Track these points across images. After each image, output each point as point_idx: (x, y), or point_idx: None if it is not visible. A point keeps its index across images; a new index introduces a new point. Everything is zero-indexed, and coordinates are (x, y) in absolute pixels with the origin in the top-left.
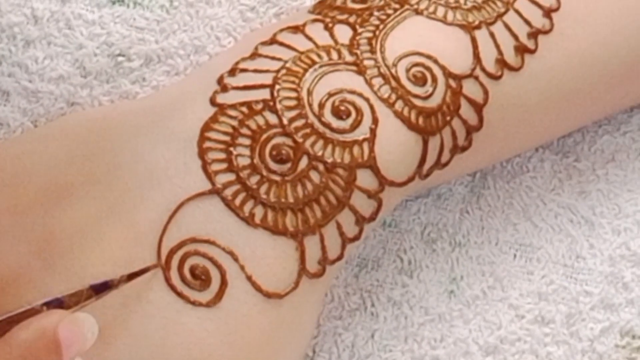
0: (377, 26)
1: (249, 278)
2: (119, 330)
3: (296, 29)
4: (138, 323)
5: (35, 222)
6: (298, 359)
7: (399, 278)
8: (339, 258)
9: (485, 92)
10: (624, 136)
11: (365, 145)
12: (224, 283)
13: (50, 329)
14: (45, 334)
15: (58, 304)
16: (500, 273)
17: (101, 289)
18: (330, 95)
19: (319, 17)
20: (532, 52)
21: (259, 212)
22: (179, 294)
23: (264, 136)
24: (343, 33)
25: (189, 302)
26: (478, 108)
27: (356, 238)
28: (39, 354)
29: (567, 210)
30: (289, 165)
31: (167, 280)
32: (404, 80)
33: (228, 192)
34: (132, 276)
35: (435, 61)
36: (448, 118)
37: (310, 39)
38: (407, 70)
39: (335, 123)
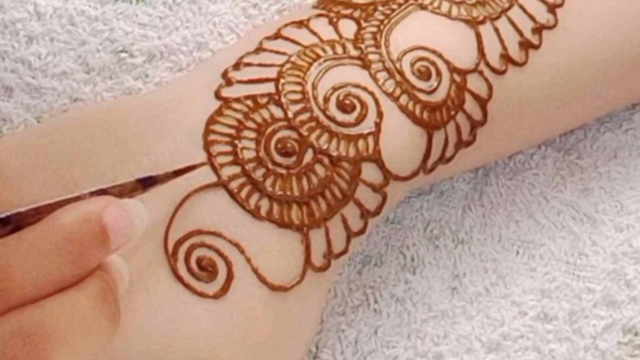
0: (381, 21)
1: (255, 271)
2: (126, 320)
3: (301, 24)
4: (145, 314)
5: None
6: (302, 351)
7: (402, 274)
8: (344, 252)
9: (490, 87)
10: (626, 133)
11: (370, 139)
12: (230, 275)
13: (96, 213)
14: (90, 217)
15: (103, 194)
16: (502, 270)
17: (147, 182)
18: (335, 89)
19: (324, 12)
20: (536, 47)
21: (264, 204)
22: (186, 286)
23: (269, 129)
24: (348, 28)
25: (196, 294)
26: (482, 103)
27: (361, 232)
28: (83, 238)
29: (570, 207)
30: (294, 158)
31: (175, 271)
32: (409, 75)
33: (234, 185)
34: (178, 172)
35: (440, 56)
36: (452, 112)
37: (314, 33)
38: (412, 65)
39: (340, 117)
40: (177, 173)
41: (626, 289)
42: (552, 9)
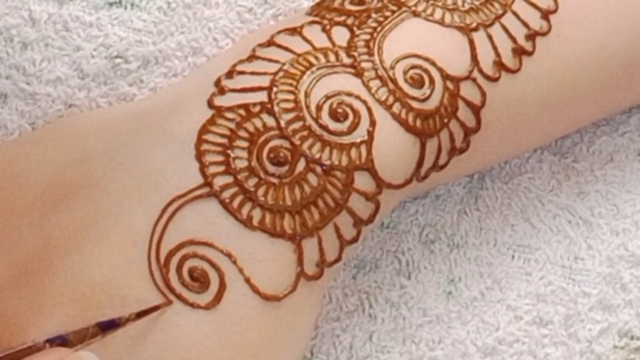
0: (374, 28)
1: (247, 280)
2: (119, 332)
3: (294, 31)
4: (136, 325)
5: (32, 225)
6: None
7: (397, 279)
8: (337, 260)
9: (483, 94)
10: (622, 137)
11: (363, 148)
12: (222, 285)
13: None
14: None
15: (61, 341)
16: (498, 274)
17: (108, 326)
18: (327, 97)
19: (317, 18)
20: (530, 54)
21: (256, 214)
22: (178, 296)
23: (262, 138)
24: (341, 35)
25: (188, 304)
26: (476, 110)
27: (354, 240)
28: None
29: (566, 211)
30: (286, 167)
31: (166, 282)
32: (402, 83)
33: (226, 195)
34: (141, 314)
35: (433, 63)
36: (446, 120)
37: (307, 41)
38: (405, 73)
39: (333, 125)
40: (140, 315)
41: (622, 292)
42: (545, 15)
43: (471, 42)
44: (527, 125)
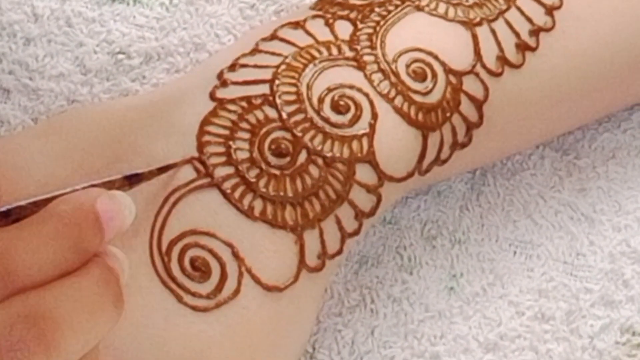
0: (377, 22)
1: (248, 271)
2: (120, 321)
3: (297, 25)
4: (139, 314)
5: None
6: (298, 352)
7: (399, 275)
8: (339, 252)
9: (486, 89)
10: (624, 133)
11: (365, 140)
12: (224, 275)
13: (89, 202)
14: (84, 205)
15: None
16: (500, 270)
17: (132, 178)
18: (329, 90)
19: (320, 12)
20: (534, 49)
21: (258, 205)
22: (179, 285)
23: (263, 130)
24: (344, 29)
25: (190, 294)
26: (478, 104)
27: (355, 233)
28: (79, 224)
29: (568, 207)
30: (288, 159)
31: (168, 271)
32: (404, 76)
33: (227, 185)
34: (162, 169)
35: (436, 57)
36: (448, 114)
37: (310, 34)
38: (407, 66)
39: (335, 118)
40: (162, 170)
41: (624, 288)
42: (550, 11)
43: (474, 37)
44: (529, 121)
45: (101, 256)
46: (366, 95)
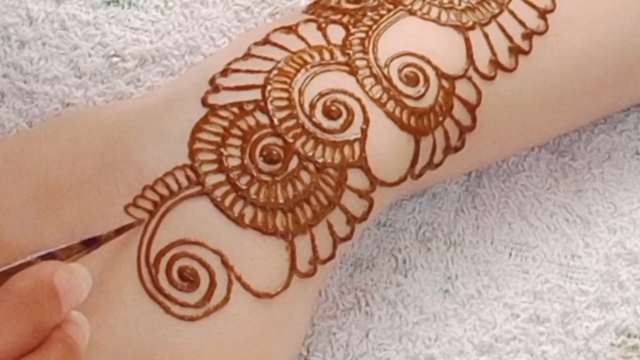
0: (370, 26)
1: (238, 278)
2: (105, 334)
3: (289, 29)
4: (124, 328)
5: (25, 224)
6: (291, 357)
7: (394, 277)
8: (331, 257)
9: (479, 93)
10: (620, 135)
11: (356, 145)
12: (212, 284)
13: (47, 277)
14: (43, 281)
15: (51, 257)
16: (495, 272)
17: (91, 242)
18: (321, 95)
19: (313, 17)
20: (527, 53)
21: (248, 212)
22: (167, 296)
23: (255, 136)
24: (336, 33)
25: (177, 304)
26: (471, 108)
27: (348, 238)
28: (38, 301)
29: (563, 209)
30: (279, 165)
31: (155, 283)
32: (396, 81)
33: (218, 193)
34: (119, 231)
35: (428, 62)
36: (440, 118)
37: (302, 39)
38: (400, 71)
39: (326, 123)
40: (119, 232)
41: (619, 290)
42: (543, 14)
43: (467, 41)
44: (523, 125)
45: (61, 327)
46: (358, 100)
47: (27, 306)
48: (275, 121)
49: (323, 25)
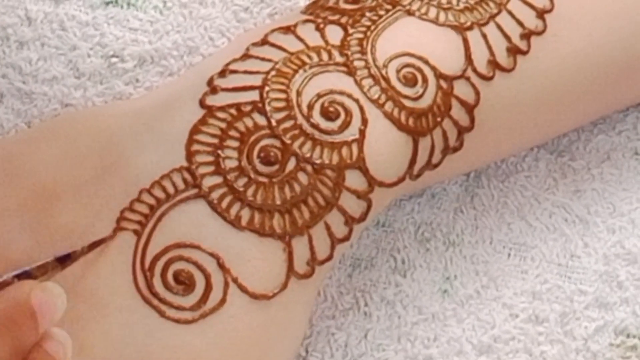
0: (368, 27)
1: (234, 280)
2: (101, 340)
3: (287, 30)
4: (118, 333)
5: (23, 227)
6: (289, 358)
7: (393, 277)
8: (329, 258)
9: (477, 93)
10: (619, 135)
11: (354, 146)
12: (208, 286)
13: (24, 298)
14: (20, 302)
15: (26, 275)
16: (494, 272)
17: (65, 259)
18: (319, 96)
19: (311, 17)
20: (525, 53)
21: (245, 214)
22: (162, 300)
23: (252, 138)
24: (334, 34)
25: (173, 307)
26: (469, 109)
27: (346, 239)
28: (16, 321)
29: (562, 209)
30: (276, 167)
31: (150, 287)
32: (394, 81)
33: (214, 196)
34: (91, 247)
35: (426, 62)
36: (439, 119)
37: (301, 39)
38: (398, 71)
39: (324, 124)
40: (91, 247)
41: (618, 290)
42: (541, 14)
43: (465, 41)
44: (521, 125)
45: (41, 344)
46: (356, 101)
47: (6, 327)
48: (273, 122)
49: (321, 25)
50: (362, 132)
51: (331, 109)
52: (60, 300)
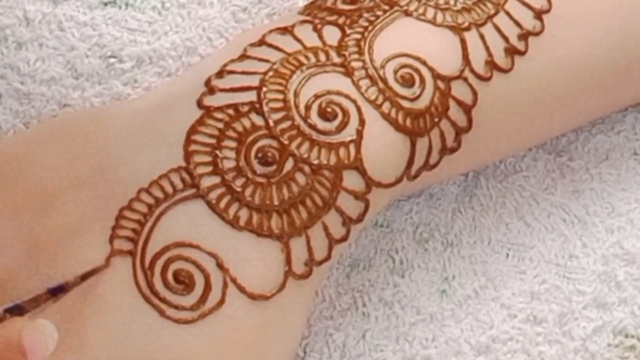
0: (365, 27)
1: (233, 281)
2: (100, 338)
3: (285, 30)
4: (118, 331)
5: (21, 228)
6: (287, 359)
7: (391, 278)
8: (326, 259)
9: (474, 94)
10: (617, 135)
11: (352, 147)
12: (207, 286)
13: (15, 338)
14: (11, 342)
15: (18, 309)
16: (492, 272)
17: (57, 291)
18: (316, 97)
19: (309, 18)
20: (522, 53)
21: (243, 214)
22: (162, 300)
23: (250, 138)
24: (332, 34)
25: (172, 307)
26: (467, 109)
27: (343, 239)
28: None
29: (560, 209)
30: (274, 167)
31: (150, 286)
32: (392, 82)
33: (213, 196)
34: (84, 277)
35: (424, 62)
36: (436, 119)
37: (298, 40)
38: (395, 72)
39: (322, 125)
40: (84, 277)
41: (617, 290)
42: (539, 15)
43: (463, 42)
44: (519, 125)
45: None
46: (354, 101)
47: None
48: (271, 123)
49: (319, 26)
50: (359, 133)
51: (329, 109)
52: (50, 338)
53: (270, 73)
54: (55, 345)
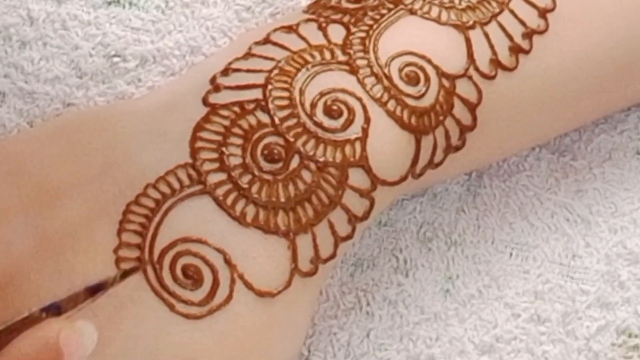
0: (370, 26)
1: (240, 277)
2: (112, 332)
3: (290, 29)
4: (131, 325)
5: (28, 224)
6: (292, 357)
7: (395, 277)
8: (332, 257)
9: (479, 92)
10: (621, 135)
11: (357, 145)
12: (216, 282)
13: (53, 340)
14: (48, 345)
15: (56, 309)
16: (496, 272)
17: (96, 290)
18: (322, 94)
19: (313, 16)
20: (527, 52)
21: (250, 211)
22: (171, 294)
23: (256, 136)
24: (336, 33)
25: (182, 302)
26: (471, 108)
27: (349, 237)
28: None
29: (564, 209)
30: (280, 164)
31: (160, 280)
32: (397, 80)
33: (219, 192)
34: (124, 275)
35: (429, 61)
36: (441, 118)
37: (303, 38)
38: (400, 70)
39: (327, 122)
40: (124, 276)
41: (620, 290)
42: (543, 13)
43: (467, 40)
44: (523, 124)
45: None
46: (359, 99)
47: None
48: (277, 120)
49: (324, 24)
50: (364, 131)
51: (334, 107)
52: (90, 340)
53: (276, 71)
54: (94, 347)
